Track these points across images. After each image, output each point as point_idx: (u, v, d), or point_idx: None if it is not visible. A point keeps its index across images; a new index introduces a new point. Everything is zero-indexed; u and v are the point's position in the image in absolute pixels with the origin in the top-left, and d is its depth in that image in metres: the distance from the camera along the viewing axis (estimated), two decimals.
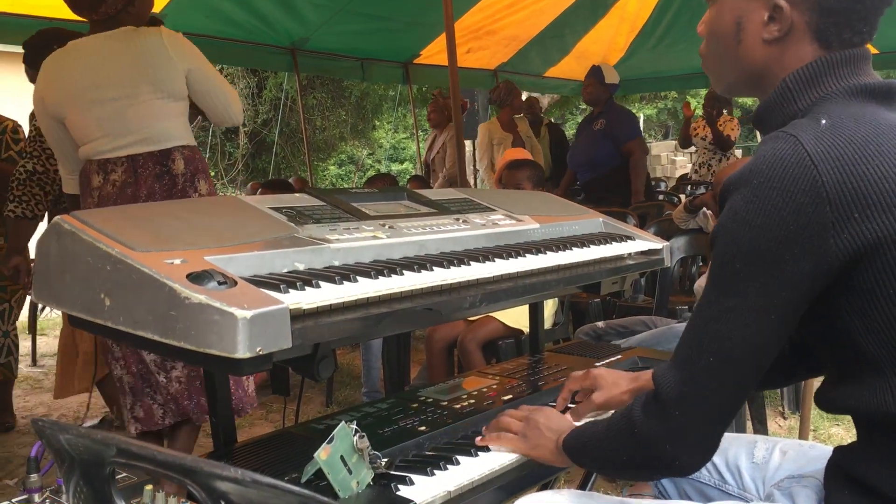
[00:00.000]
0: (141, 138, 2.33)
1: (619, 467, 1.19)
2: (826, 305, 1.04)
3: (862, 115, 1.03)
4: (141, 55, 2.32)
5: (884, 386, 1.02)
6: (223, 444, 1.40)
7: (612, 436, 1.17)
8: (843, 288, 1.01)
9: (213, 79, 2.47)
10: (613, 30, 7.35)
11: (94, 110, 2.31)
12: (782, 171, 0.98)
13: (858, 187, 0.96)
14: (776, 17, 1.10)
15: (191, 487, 0.76)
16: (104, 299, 1.06)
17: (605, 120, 5.26)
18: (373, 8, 5.79)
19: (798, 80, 1.10)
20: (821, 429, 3.33)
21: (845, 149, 0.98)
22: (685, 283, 3.93)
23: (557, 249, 1.56)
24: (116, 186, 2.33)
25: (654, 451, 1.09)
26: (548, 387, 1.69)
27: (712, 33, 1.19)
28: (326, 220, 1.38)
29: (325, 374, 1.13)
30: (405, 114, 13.82)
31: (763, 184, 0.99)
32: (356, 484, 1.13)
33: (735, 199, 1.02)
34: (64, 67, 2.35)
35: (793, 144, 0.99)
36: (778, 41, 1.11)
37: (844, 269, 0.99)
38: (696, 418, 1.06)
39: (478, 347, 3.13)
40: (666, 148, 14.23)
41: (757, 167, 1.01)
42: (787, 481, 1.29)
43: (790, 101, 1.10)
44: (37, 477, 1.16)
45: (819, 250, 0.97)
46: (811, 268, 0.98)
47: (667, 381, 1.08)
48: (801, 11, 1.09)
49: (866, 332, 1.02)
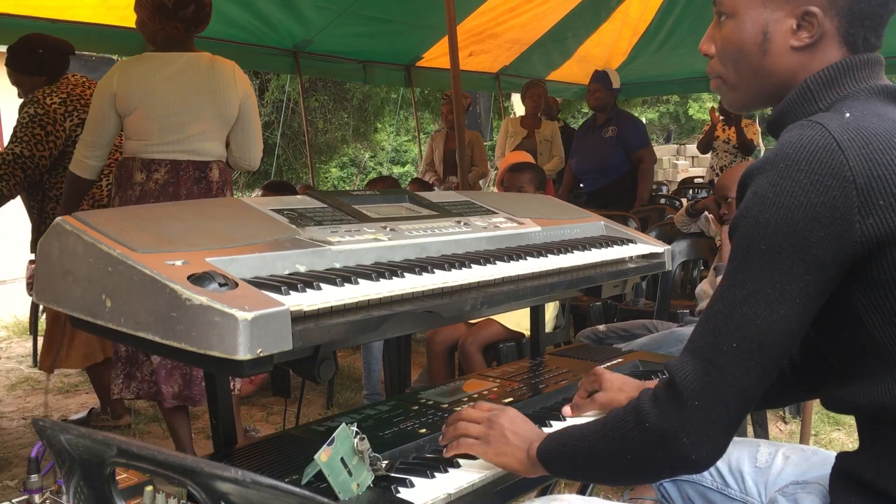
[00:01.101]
0: (189, 149, 2.68)
1: (616, 471, 1.13)
2: (842, 298, 1.03)
3: (884, 112, 1.05)
4: (216, 84, 2.70)
5: (893, 382, 1.02)
6: (223, 444, 1.40)
7: (611, 435, 1.11)
8: (861, 280, 1.01)
9: (256, 117, 2.88)
10: (616, 34, 7.36)
11: (161, 120, 2.63)
12: (810, 154, 0.98)
13: (884, 175, 0.97)
14: (805, 25, 1.10)
15: (191, 488, 0.76)
16: (105, 300, 1.06)
17: (616, 127, 5.25)
18: (375, 10, 5.79)
19: (819, 80, 1.10)
20: (821, 433, 3.32)
21: (871, 138, 0.99)
22: (686, 287, 3.93)
23: (558, 252, 1.56)
24: (159, 184, 2.64)
25: (669, 445, 1.04)
26: (548, 390, 1.69)
27: (732, 46, 1.16)
28: (328, 222, 1.38)
29: (326, 376, 1.13)
30: (407, 116, 13.83)
31: (791, 167, 0.99)
32: (356, 486, 1.13)
33: (760, 183, 1.01)
34: (149, 74, 2.65)
35: (820, 130, 1.00)
36: (807, 48, 1.11)
37: (865, 257, 0.99)
38: (718, 408, 1.02)
39: (478, 350, 3.13)
40: (668, 152, 14.22)
41: (783, 151, 1.00)
42: (792, 487, 1.29)
43: (811, 101, 1.10)
44: (37, 477, 1.16)
45: (844, 235, 0.97)
46: (835, 253, 0.98)
47: (685, 370, 1.04)
48: (831, 17, 1.09)
49: (882, 325, 1.01)
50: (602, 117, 5.38)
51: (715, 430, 1.03)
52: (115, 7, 4.51)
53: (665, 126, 17.62)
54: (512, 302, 1.46)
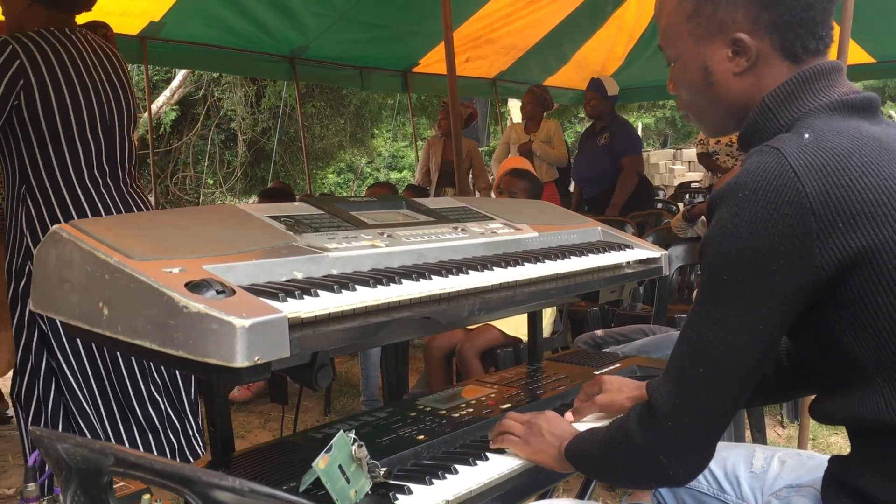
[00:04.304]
0: None
1: (617, 476, 1.21)
2: (816, 317, 1.04)
3: (845, 128, 1.05)
4: None
5: (875, 394, 1.03)
6: (221, 453, 1.40)
7: (609, 445, 1.18)
8: (832, 300, 1.01)
9: None
10: (612, 39, 7.37)
11: None
12: (766, 183, 0.99)
13: (842, 198, 0.97)
14: (739, 50, 1.13)
15: (188, 497, 0.76)
16: (102, 308, 1.05)
17: (610, 135, 5.28)
18: (372, 17, 5.81)
19: (776, 97, 1.12)
20: (819, 438, 3.32)
21: (828, 160, 0.99)
22: (684, 292, 3.93)
23: (556, 258, 1.56)
24: None
25: (649, 461, 1.11)
26: (546, 395, 1.69)
27: (684, 87, 1.22)
28: (325, 228, 1.38)
29: (324, 382, 1.13)
30: (404, 122, 13.84)
31: (748, 196, 1.00)
32: (354, 493, 1.13)
33: (722, 212, 1.04)
34: None
35: (776, 157, 1.01)
36: (749, 70, 1.14)
37: (831, 280, 0.99)
38: (689, 429, 1.08)
39: (476, 356, 3.12)
40: (664, 156, 14.25)
41: (742, 180, 1.02)
42: (786, 491, 1.30)
43: (772, 118, 1.12)
44: (34, 486, 1.16)
45: (804, 262, 0.98)
46: (797, 279, 0.99)
47: (660, 393, 1.10)
48: (760, 36, 1.11)
49: (856, 341, 1.02)
50: (599, 125, 5.41)
51: (688, 450, 1.09)
52: (111, 14, 4.51)
53: (661, 131, 17.65)
54: (509, 308, 1.47)
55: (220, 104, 11.71)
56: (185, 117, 11.59)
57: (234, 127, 11.94)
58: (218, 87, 11.57)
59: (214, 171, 12.10)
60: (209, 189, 12.05)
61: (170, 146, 11.46)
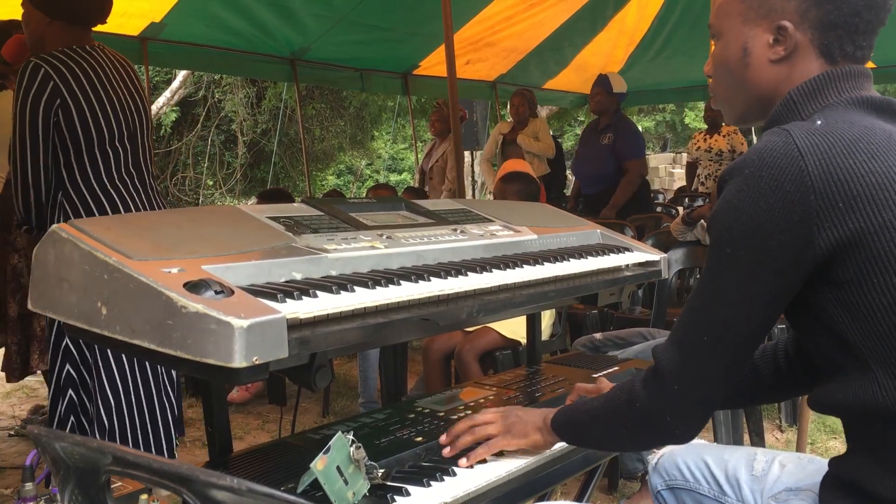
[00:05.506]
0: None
1: (616, 440, 1.28)
2: (812, 298, 1.08)
3: (859, 120, 1.08)
4: None
5: (869, 378, 1.05)
6: (219, 453, 1.39)
7: (611, 410, 1.24)
8: (828, 280, 1.04)
9: None
10: (612, 42, 7.38)
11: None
12: (771, 161, 1.03)
13: (844, 179, 1.00)
14: (781, 39, 1.15)
15: (186, 496, 0.76)
16: (101, 308, 1.05)
17: (614, 135, 5.26)
18: (373, 19, 5.81)
19: (802, 91, 1.15)
20: (818, 442, 3.32)
21: (835, 144, 1.02)
22: (683, 295, 3.93)
23: (555, 260, 1.56)
24: None
25: (657, 422, 1.17)
26: (545, 398, 1.69)
27: (720, 64, 1.24)
28: (324, 229, 1.38)
29: (322, 383, 1.13)
30: (404, 124, 13.85)
31: (753, 173, 1.04)
32: (352, 495, 1.13)
33: (728, 188, 1.07)
34: None
35: (784, 137, 1.04)
36: (784, 60, 1.16)
37: (828, 259, 1.02)
38: (693, 391, 1.14)
39: (475, 358, 3.12)
40: (664, 160, 14.28)
41: (749, 158, 1.06)
42: (785, 494, 1.30)
43: (794, 111, 1.15)
44: (32, 485, 1.16)
45: (804, 239, 1.02)
46: (796, 256, 1.03)
47: (665, 357, 1.15)
48: (804, 30, 1.14)
49: (851, 322, 1.05)
50: (604, 122, 5.38)
51: (692, 411, 1.16)
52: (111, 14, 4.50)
53: (661, 135, 17.68)
54: (508, 310, 1.47)
55: (220, 105, 11.72)
56: (185, 118, 11.60)
57: (234, 128, 11.95)
58: (218, 89, 11.58)
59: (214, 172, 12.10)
60: (209, 190, 12.06)
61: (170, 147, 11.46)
